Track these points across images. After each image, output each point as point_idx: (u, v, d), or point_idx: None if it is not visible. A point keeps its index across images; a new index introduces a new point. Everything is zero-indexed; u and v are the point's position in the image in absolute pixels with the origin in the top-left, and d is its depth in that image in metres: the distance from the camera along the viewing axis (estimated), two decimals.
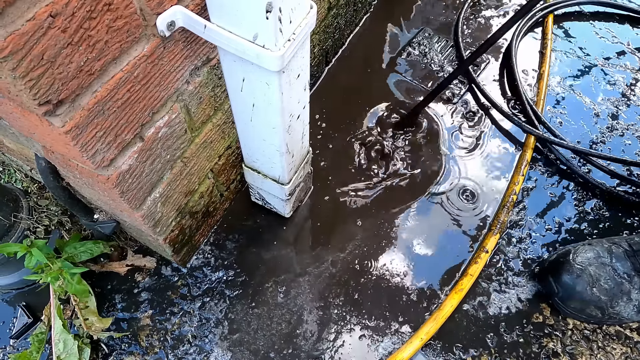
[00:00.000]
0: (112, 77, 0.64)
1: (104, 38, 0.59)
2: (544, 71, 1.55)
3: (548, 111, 1.50)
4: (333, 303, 1.18)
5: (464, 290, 1.16)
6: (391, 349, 1.12)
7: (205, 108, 0.91)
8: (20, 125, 0.69)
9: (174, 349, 1.13)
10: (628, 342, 1.13)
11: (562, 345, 1.13)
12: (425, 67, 1.58)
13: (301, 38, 0.71)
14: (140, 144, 0.78)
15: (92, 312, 1.12)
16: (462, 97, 1.51)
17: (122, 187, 0.79)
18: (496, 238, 1.24)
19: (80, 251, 1.11)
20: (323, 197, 1.33)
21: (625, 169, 1.39)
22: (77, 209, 0.98)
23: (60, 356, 1.05)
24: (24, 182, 1.20)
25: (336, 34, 1.51)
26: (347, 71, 1.57)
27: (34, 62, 0.52)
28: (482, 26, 1.69)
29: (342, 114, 1.48)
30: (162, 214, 0.97)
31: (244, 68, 0.75)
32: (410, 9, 1.73)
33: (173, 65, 0.75)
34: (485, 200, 1.32)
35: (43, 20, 0.50)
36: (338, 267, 1.23)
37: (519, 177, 1.33)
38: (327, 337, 1.14)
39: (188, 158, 0.95)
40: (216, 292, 1.19)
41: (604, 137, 1.45)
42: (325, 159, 1.39)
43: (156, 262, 1.23)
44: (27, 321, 1.17)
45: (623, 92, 1.54)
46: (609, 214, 1.31)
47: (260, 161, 1.05)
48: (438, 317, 1.13)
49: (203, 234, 1.24)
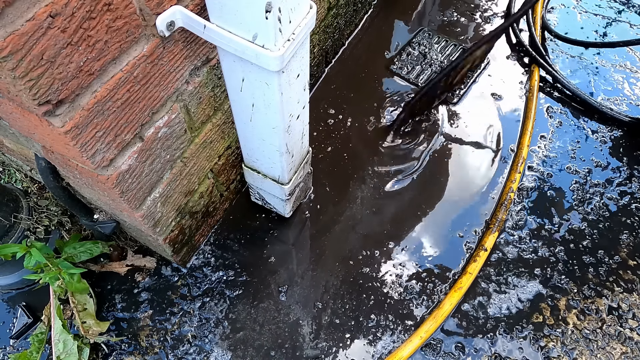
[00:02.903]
0: (112, 77, 0.64)
1: (103, 38, 0.59)
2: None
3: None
4: (333, 303, 1.18)
5: (463, 288, 1.17)
6: (391, 348, 1.12)
7: (205, 108, 0.91)
8: (20, 125, 0.69)
9: (173, 349, 1.13)
10: (628, 342, 1.14)
11: (562, 345, 1.13)
12: (425, 67, 1.58)
13: (301, 38, 0.71)
14: (140, 144, 0.78)
15: (90, 315, 1.12)
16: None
17: (121, 187, 0.79)
18: (495, 236, 1.24)
19: (79, 251, 1.11)
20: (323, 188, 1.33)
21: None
22: (77, 209, 0.98)
23: (60, 356, 1.05)
24: (24, 182, 1.20)
25: (336, 34, 1.51)
26: (347, 71, 1.57)
27: (34, 62, 0.52)
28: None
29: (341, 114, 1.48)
30: (162, 214, 0.97)
31: (244, 68, 0.75)
32: (410, 10, 1.73)
33: (173, 65, 0.75)
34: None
35: (43, 20, 0.50)
36: (338, 266, 1.23)
37: (516, 175, 1.33)
38: (327, 336, 1.14)
39: (188, 158, 0.95)
40: (216, 292, 1.19)
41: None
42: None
43: (156, 262, 1.23)
44: (27, 321, 1.18)
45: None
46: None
47: (260, 161, 1.05)
48: (437, 315, 1.13)
49: (203, 234, 1.24)
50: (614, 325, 1.15)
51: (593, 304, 1.18)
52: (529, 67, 1.59)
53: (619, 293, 1.19)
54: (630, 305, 1.18)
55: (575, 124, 1.47)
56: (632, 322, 1.16)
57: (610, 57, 1.62)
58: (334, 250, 1.25)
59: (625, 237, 1.27)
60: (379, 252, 1.25)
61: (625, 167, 1.39)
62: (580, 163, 1.40)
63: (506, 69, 1.59)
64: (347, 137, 1.44)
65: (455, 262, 1.23)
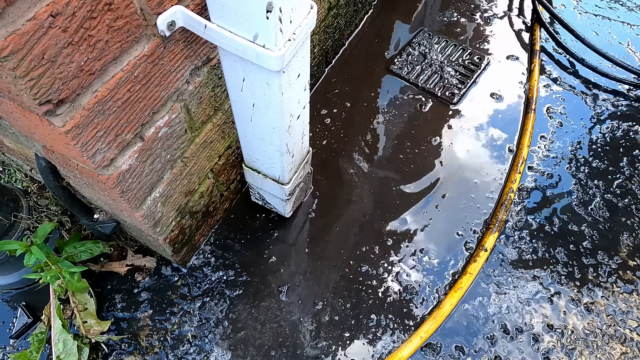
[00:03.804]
0: (113, 76, 0.64)
1: (104, 38, 0.59)
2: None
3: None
4: (334, 302, 1.18)
5: (463, 289, 1.17)
6: (391, 347, 1.12)
7: (205, 108, 0.91)
8: (20, 125, 0.69)
9: (173, 348, 1.13)
10: (628, 342, 1.14)
11: (562, 345, 1.13)
12: (426, 68, 1.58)
13: (301, 38, 0.71)
14: (140, 143, 0.78)
15: (91, 315, 1.12)
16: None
17: (122, 186, 0.79)
18: (495, 236, 1.24)
19: (80, 251, 1.11)
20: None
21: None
22: (77, 208, 0.98)
23: (59, 356, 1.05)
24: (24, 182, 1.20)
25: (336, 34, 1.51)
26: (348, 71, 1.57)
27: (35, 62, 0.52)
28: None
29: (340, 114, 1.48)
30: (162, 213, 0.97)
31: (244, 68, 0.75)
32: (410, 10, 1.73)
33: (173, 65, 0.75)
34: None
35: (44, 20, 0.50)
36: (338, 266, 1.23)
37: (516, 175, 1.34)
38: (327, 336, 1.14)
39: (188, 158, 0.95)
40: (216, 292, 1.19)
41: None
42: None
43: (156, 262, 1.23)
44: (27, 321, 1.17)
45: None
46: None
47: (260, 161, 1.05)
48: (437, 315, 1.13)
49: (203, 234, 1.24)
50: (614, 325, 1.15)
51: (593, 304, 1.18)
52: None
53: (619, 293, 1.20)
54: (630, 305, 1.18)
55: (575, 124, 1.48)
56: (632, 322, 1.16)
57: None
58: (334, 250, 1.25)
59: (625, 238, 1.27)
60: (379, 252, 1.25)
61: (625, 167, 1.39)
62: (580, 163, 1.40)
63: (506, 69, 1.59)
64: (348, 137, 1.44)
65: (455, 262, 1.23)
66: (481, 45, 1.65)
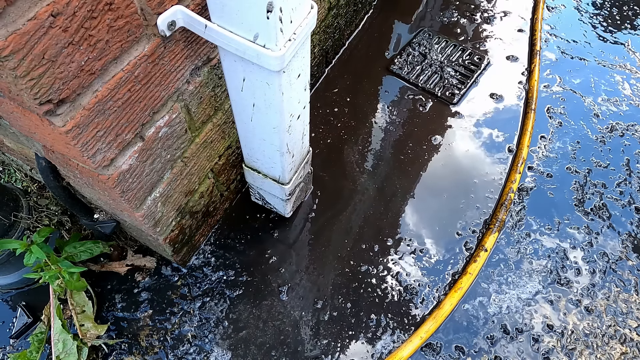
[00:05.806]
0: (113, 76, 0.64)
1: (104, 38, 0.59)
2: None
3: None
4: (334, 302, 1.18)
5: (463, 289, 1.17)
6: (391, 347, 1.12)
7: (205, 108, 0.91)
8: (20, 124, 0.69)
9: (173, 348, 1.13)
10: (628, 342, 1.14)
11: (562, 346, 1.13)
12: (426, 68, 1.58)
13: (302, 38, 0.71)
14: (140, 143, 0.78)
15: (89, 318, 1.11)
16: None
17: (122, 186, 0.79)
18: (495, 236, 1.24)
19: (80, 250, 1.11)
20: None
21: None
22: (77, 208, 0.98)
23: (59, 356, 1.05)
24: (24, 181, 1.20)
25: (336, 34, 1.51)
26: (348, 71, 1.57)
27: (35, 62, 0.52)
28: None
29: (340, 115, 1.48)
30: (162, 213, 0.97)
31: (245, 68, 0.75)
32: (410, 10, 1.73)
33: (173, 65, 0.75)
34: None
35: (44, 19, 0.50)
36: (339, 265, 1.23)
37: (516, 175, 1.34)
38: (327, 335, 1.14)
39: (188, 158, 0.95)
40: (216, 292, 1.19)
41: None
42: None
43: (156, 262, 1.23)
44: (27, 321, 1.17)
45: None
46: None
47: (260, 161, 1.05)
48: (437, 315, 1.13)
49: (203, 234, 1.24)
50: (614, 325, 1.15)
51: (593, 304, 1.18)
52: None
53: (619, 293, 1.20)
54: (630, 306, 1.18)
55: (575, 124, 1.48)
56: (632, 322, 1.16)
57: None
58: (334, 250, 1.25)
59: (625, 237, 1.28)
60: (379, 251, 1.25)
61: (625, 167, 1.39)
62: (580, 163, 1.40)
63: (506, 70, 1.59)
64: (348, 137, 1.44)
65: (455, 262, 1.23)
66: (481, 46, 1.65)
